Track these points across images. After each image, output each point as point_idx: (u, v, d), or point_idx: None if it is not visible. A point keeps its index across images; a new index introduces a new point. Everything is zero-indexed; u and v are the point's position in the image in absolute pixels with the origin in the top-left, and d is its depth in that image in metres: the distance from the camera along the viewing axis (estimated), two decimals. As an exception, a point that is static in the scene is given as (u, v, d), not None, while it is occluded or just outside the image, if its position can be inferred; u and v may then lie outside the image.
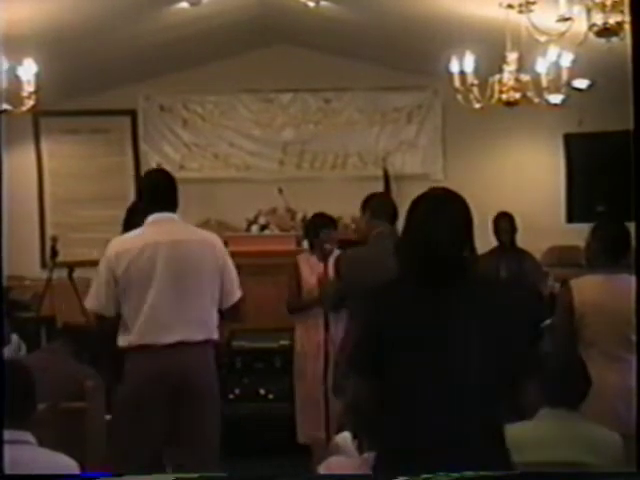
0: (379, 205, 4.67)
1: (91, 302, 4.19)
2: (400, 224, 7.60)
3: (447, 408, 2.60)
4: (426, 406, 2.62)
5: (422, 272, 2.67)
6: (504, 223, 7.23)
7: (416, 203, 2.77)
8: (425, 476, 2.58)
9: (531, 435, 3.32)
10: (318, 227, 5.93)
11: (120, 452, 4.14)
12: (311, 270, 5.83)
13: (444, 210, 2.72)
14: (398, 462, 2.62)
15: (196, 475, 3.20)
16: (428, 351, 2.62)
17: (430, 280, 2.67)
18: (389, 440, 2.69)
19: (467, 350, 2.62)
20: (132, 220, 4.47)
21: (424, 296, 2.67)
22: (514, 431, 2.86)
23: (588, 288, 4.29)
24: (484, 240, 5.74)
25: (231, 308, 4.26)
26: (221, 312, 4.25)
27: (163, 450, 4.19)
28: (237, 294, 4.27)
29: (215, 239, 4.32)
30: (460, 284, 2.68)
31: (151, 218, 4.20)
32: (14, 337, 5.40)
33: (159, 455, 4.16)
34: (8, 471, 2.85)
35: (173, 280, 4.08)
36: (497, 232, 7.20)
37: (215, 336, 4.17)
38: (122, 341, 4.12)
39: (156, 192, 4.25)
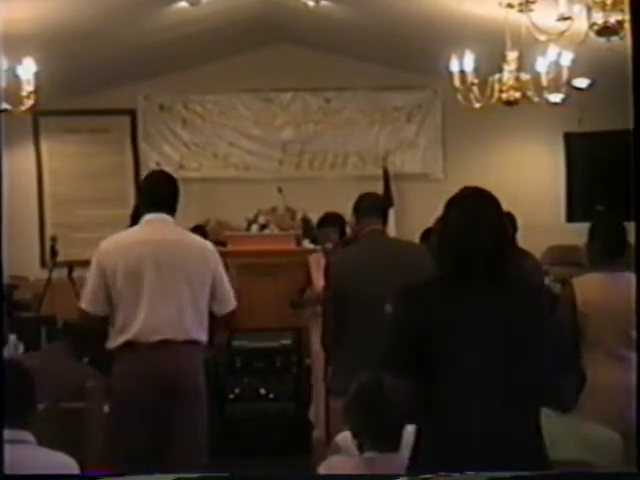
0: (368, 205, 4.69)
1: (83, 301, 4.18)
2: (391, 223, 7.55)
3: (488, 406, 2.61)
4: (467, 404, 2.61)
5: (464, 271, 2.67)
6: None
7: (452, 203, 2.76)
8: (425, 476, 2.57)
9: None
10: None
11: (116, 450, 4.13)
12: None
13: (484, 209, 2.73)
14: (440, 459, 2.62)
15: (196, 475, 3.18)
16: (468, 349, 2.62)
17: (471, 279, 2.66)
18: (429, 438, 2.68)
19: (507, 348, 2.62)
20: (139, 216, 4.47)
21: (464, 295, 2.66)
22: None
23: (590, 287, 4.29)
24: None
25: (224, 316, 4.28)
26: (213, 316, 4.24)
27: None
28: (231, 304, 4.27)
29: (208, 246, 4.30)
30: (501, 282, 2.68)
31: (145, 218, 4.23)
32: (11, 337, 5.41)
33: (154, 453, 4.12)
34: (8, 470, 2.85)
35: (158, 278, 4.07)
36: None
37: (201, 338, 4.14)
38: (112, 339, 4.11)
39: (152, 193, 4.26)
